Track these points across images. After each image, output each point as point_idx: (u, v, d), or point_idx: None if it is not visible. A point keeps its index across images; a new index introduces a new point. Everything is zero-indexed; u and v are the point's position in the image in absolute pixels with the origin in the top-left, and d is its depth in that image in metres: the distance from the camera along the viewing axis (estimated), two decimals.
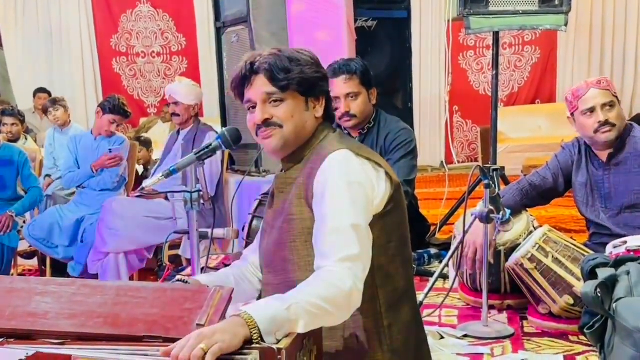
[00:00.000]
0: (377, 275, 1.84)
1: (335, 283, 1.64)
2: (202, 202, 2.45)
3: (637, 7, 8.80)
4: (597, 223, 3.19)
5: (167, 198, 4.68)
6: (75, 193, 5.17)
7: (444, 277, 3.56)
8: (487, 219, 2.84)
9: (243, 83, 1.90)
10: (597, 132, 3.06)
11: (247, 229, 3.60)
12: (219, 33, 5.34)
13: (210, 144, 2.20)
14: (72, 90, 9.15)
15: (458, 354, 2.73)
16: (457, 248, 3.02)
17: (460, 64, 9.07)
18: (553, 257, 2.93)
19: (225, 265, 2.74)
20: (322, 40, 4.31)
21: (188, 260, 4.59)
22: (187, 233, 2.63)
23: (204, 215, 4.73)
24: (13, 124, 6.07)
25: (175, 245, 4.83)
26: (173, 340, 1.48)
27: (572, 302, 2.88)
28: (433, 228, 4.53)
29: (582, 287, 2.35)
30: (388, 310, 1.88)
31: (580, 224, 3.90)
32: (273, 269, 1.95)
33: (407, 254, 1.97)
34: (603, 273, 2.26)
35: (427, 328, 2.86)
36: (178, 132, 5.00)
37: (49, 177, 5.89)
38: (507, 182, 4.46)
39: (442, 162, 8.77)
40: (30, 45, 9.33)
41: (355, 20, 4.67)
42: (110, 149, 4.96)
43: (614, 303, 2.17)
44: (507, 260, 3.09)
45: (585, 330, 2.32)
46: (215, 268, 4.15)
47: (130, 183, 5.32)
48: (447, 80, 5.13)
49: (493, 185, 2.86)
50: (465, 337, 2.92)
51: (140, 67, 9.48)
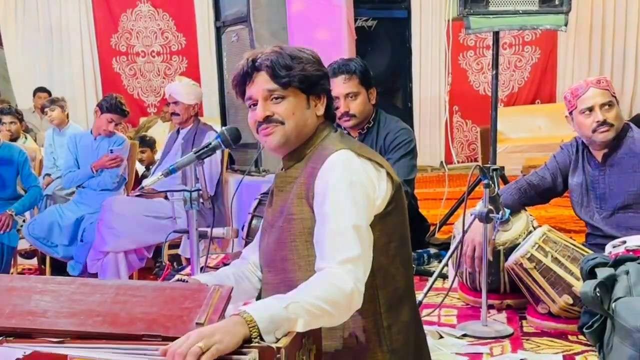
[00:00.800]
0: (377, 276, 1.84)
1: (336, 284, 1.64)
2: (201, 201, 2.46)
3: (637, 7, 8.80)
4: (591, 224, 3.19)
5: (166, 197, 4.68)
6: (75, 192, 5.17)
7: (444, 276, 3.56)
8: (486, 219, 2.84)
9: (244, 80, 1.90)
10: (595, 131, 3.05)
11: (246, 228, 3.61)
12: (219, 32, 5.34)
13: (210, 143, 2.20)
14: (72, 90, 9.14)
15: (457, 354, 2.72)
16: (456, 248, 3.02)
17: (460, 64, 9.07)
18: (552, 256, 2.93)
19: (225, 265, 2.74)
20: (322, 40, 4.31)
21: (188, 260, 4.59)
22: (186, 232, 2.63)
23: (204, 215, 4.73)
24: (11, 122, 6.08)
25: (175, 245, 4.83)
26: (172, 339, 1.48)
27: (571, 301, 2.88)
28: (433, 228, 4.53)
29: (581, 286, 2.35)
30: (388, 311, 1.88)
31: (580, 224, 3.90)
32: (273, 268, 1.94)
33: (407, 254, 1.97)
34: (602, 273, 2.26)
35: (426, 327, 2.86)
36: (178, 131, 5.00)
37: (49, 176, 5.89)
38: (506, 182, 4.45)
39: (441, 162, 8.77)
40: (30, 45, 9.32)
41: (355, 20, 4.67)
42: (112, 149, 4.96)
43: (613, 303, 2.17)
44: (506, 260, 3.09)
45: (585, 330, 2.33)
46: (215, 267, 4.15)
47: (130, 182, 5.32)
48: (447, 80, 5.13)
49: (492, 185, 2.86)
50: (465, 336, 2.92)
51: (140, 66, 9.48)
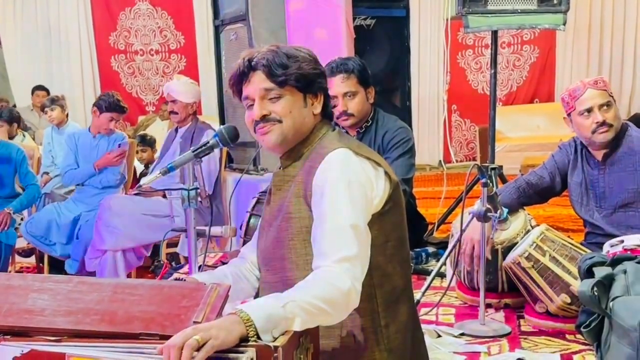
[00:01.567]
0: (374, 275, 1.83)
1: (333, 283, 1.64)
2: (199, 199, 2.45)
3: (635, 6, 8.80)
4: (591, 223, 3.19)
5: (164, 196, 4.67)
6: (75, 191, 5.17)
7: (442, 275, 3.56)
8: (484, 218, 2.84)
9: (241, 80, 1.90)
10: (594, 132, 3.06)
11: (244, 227, 3.60)
12: (218, 31, 5.34)
13: (208, 142, 2.20)
14: (70, 88, 9.11)
15: (455, 353, 2.72)
16: (454, 246, 3.02)
17: (459, 63, 9.07)
18: (550, 255, 2.93)
19: (223, 263, 2.74)
20: (320, 39, 4.31)
21: (186, 258, 4.59)
22: (184, 231, 2.62)
23: (202, 213, 4.72)
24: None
25: (173, 243, 4.82)
26: (170, 338, 1.47)
27: (569, 300, 2.88)
28: (431, 227, 4.53)
29: (578, 285, 2.35)
30: (385, 310, 1.88)
31: (578, 223, 3.90)
32: (271, 267, 1.94)
33: (405, 253, 1.97)
34: (600, 272, 2.26)
35: (424, 326, 2.86)
36: (176, 130, 5.00)
37: (47, 174, 5.89)
38: (504, 181, 4.46)
39: (440, 161, 8.77)
40: (29, 43, 9.29)
41: (354, 19, 4.67)
42: (120, 144, 4.96)
43: (611, 302, 2.17)
44: (504, 259, 3.09)
45: (582, 329, 2.33)
46: (213, 266, 4.16)
47: (129, 181, 5.32)
48: (445, 79, 5.13)
49: (490, 184, 2.86)
50: (462, 335, 2.93)
51: (139, 65, 9.45)
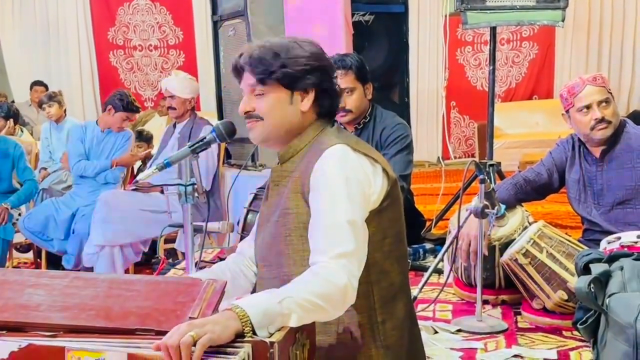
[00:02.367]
0: (371, 271, 1.83)
1: (330, 279, 1.64)
2: (196, 195, 2.45)
3: (634, 3, 8.78)
4: (589, 220, 3.19)
5: (162, 191, 4.67)
6: (73, 186, 5.17)
7: (439, 272, 3.56)
8: (481, 214, 2.84)
9: (237, 75, 1.93)
10: (593, 129, 3.05)
11: (241, 223, 3.60)
12: (216, 26, 5.33)
13: (205, 137, 2.20)
14: (68, 83, 9.10)
15: (452, 349, 2.71)
16: (451, 243, 3.01)
17: (458, 59, 9.05)
18: (547, 252, 2.92)
19: (221, 259, 2.74)
20: (318, 35, 4.29)
21: (184, 254, 4.58)
22: (181, 227, 2.62)
23: (200, 209, 4.72)
24: None
25: (171, 239, 4.83)
26: (165, 333, 1.48)
27: (566, 297, 2.88)
28: (429, 223, 4.53)
29: (575, 282, 2.35)
30: (382, 307, 1.88)
31: (576, 220, 3.90)
32: (268, 263, 1.94)
33: (402, 250, 1.97)
34: (597, 269, 2.26)
35: (420, 323, 2.85)
36: (174, 125, 5.00)
37: (45, 170, 5.89)
38: (503, 177, 4.46)
39: (439, 157, 8.76)
40: (27, 38, 9.28)
41: (353, 15, 4.66)
42: (125, 141, 4.98)
43: (607, 298, 2.17)
44: (501, 255, 3.09)
45: (579, 326, 2.33)
46: (211, 262, 4.15)
47: (126, 177, 5.32)
48: (444, 76, 5.12)
49: (488, 180, 2.86)
50: (459, 331, 2.92)
51: (138, 60, 9.43)
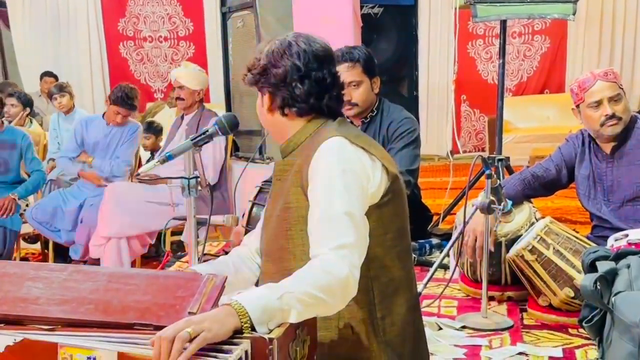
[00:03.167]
0: (372, 266, 1.81)
1: (330, 271, 1.61)
2: (199, 188, 2.44)
3: None
4: (598, 216, 3.15)
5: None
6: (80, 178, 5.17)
7: (445, 267, 3.54)
8: (488, 210, 2.81)
9: None
10: (603, 125, 3.02)
11: (246, 216, 3.59)
12: (225, 18, 5.33)
13: (207, 130, 2.19)
14: (78, 74, 9.10)
15: (456, 345, 2.70)
16: (457, 238, 2.99)
17: (469, 53, 8.97)
18: (554, 249, 2.89)
19: (226, 252, 2.73)
20: (327, 27, 4.26)
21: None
22: (186, 219, 2.61)
23: (207, 201, 4.71)
24: (12, 105, 6.12)
25: (178, 231, 4.82)
26: (164, 328, 1.47)
27: (572, 294, 2.85)
28: (437, 218, 4.50)
29: (581, 280, 2.32)
30: (382, 302, 1.86)
31: (586, 216, 3.86)
32: (271, 258, 1.93)
33: (404, 246, 1.94)
34: (603, 266, 2.23)
35: (425, 319, 2.83)
36: (182, 117, 4.99)
37: (53, 161, 5.88)
38: (511, 172, 4.42)
39: (449, 151, 8.71)
40: (38, 29, 9.27)
41: (361, 7, 4.64)
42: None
43: (613, 297, 2.14)
44: (508, 252, 3.06)
45: (584, 324, 2.30)
46: (216, 255, 4.15)
47: (134, 168, 5.31)
48: (453, 69, 5.09)
49: (495, 176, 2.83)
50: (464, 328, 2.90)
51: (147, 51, 9.41)
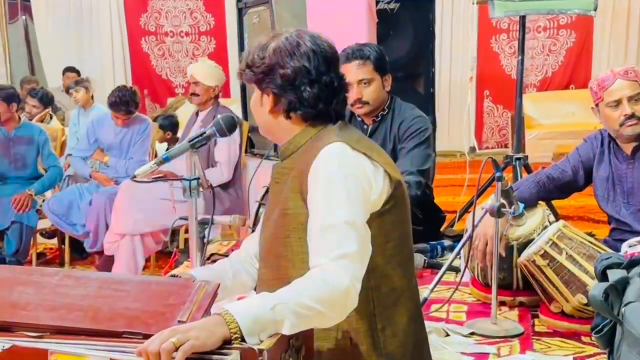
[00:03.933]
0: (372, 276, 1.75)
1: (330, 281, 1.56)
2: (201, 189, 2.41)
3: None
4: (617, 219, 3.06)
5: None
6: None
7: (456, 270, 3.47)
8: (497, 213, 2.73)
9: None
10: (622, 125, 2.93)
11: (253, 217, 3.54)
12: (241, 14, 5.30)
13: (205, 132, 2.16)
14: (100, 69, 9.17)
15: (462, 353, 2.63)
16: (465, 242, 2.92)
17: (493, 47, 8.83)
18: (567, 254, 2.81)
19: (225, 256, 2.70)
20: (341, 23, 4.21)
21: (205, 244, 4.55)
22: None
23: (221, 199, 4.69)
24: (33, 106, 6.17)
25: None
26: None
27: (585, 301, 2.76)
28: (452, 218, 4.43)
29: (591, 288, 2.24)
30: (382, 312, 1.80)
31: None
32: (269, 264, 1.88)
33: (406, 253, 1.88)
34: (614, 275, 2.14)
35: (432, 324, 2.79)
36: (197, 113, 4.97)
37: (71, 156, 5.90)
38: (530, 171, 4.35)
39: (472, 147, 8.61)
40: (61, 23, 9.34)
41: (377, 2, 4.56)
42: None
43: (623, 307, 2.05)
44: (520, 256, 2.98)
45: (593, 334, 2.22)
46: (225, 254, 4.11)
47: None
48: (471, 65, 5.00)
49: (505, 178, 2.75)
50: (472, 334, 2.83)
51: (169, 46, 9.42)
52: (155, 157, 5.44)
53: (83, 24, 9.36)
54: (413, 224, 3.63)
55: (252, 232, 3.45)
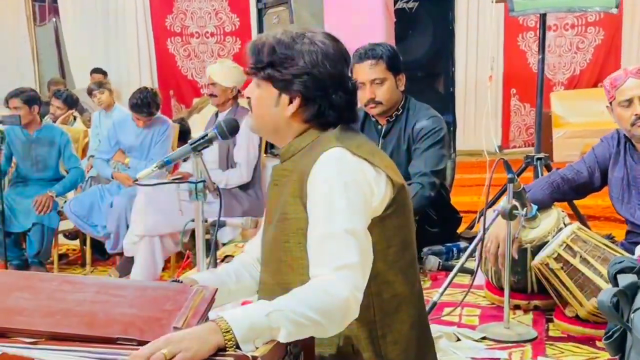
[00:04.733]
0: (373, 282, 1.70)
1: (330, 291, 1.53)
2: (207, 192, 2.40)
3: None
4: (632, 222, 2.98)
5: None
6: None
7: (471, 272, 3.41)
8: (509, 216, 2.68)
9: None
10: (633, 125, 2.85)
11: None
12: (261, 14, 5.33)
13: (207, 134, 2.15)
14: (127, 70, 9.26)
15: (473, 358, 2.57)
16: (476, 245, 2.87)
17: (520, 45, 8.73)
18: (581, 257, 2.74)
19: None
20: (359, 23, 4.18)
21: (224, 244, 4.56)
22: (205, 221, 2.59)
23: (240, 200, 4.69)
24: (58, 107, 6.24)
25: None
26: (147, 343, 1.43)
27: None
28: (473, 218, 4.37)
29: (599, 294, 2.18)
30: (383, 319, 1.77)
31: None
32: (269, 269, 1.85)
33: (409, 259, 1.83)
34: (624, 280, 2.08)
35: (443, 328, 2.75)
36: (216, 115, 4.97)
37: (94, 157, 5.95)
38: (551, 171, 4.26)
39: (498, 146, 8.51)
40: (87, 25, 9.44)
41: (395, 2, 4.53)
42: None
43: (632, 313, 1.99)
44: (534, 259, 2.92)
45: (603, 340, 2.16)
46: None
47: (171, 167, 5.33)
48: (490, 64, 4.94)
49: (517, 180, 2.69)
50: (484, 339, 2.77)
51: (194, 47, 9.47)
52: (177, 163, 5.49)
53: (109, 25, 9.45)
54: (427, 226, 3.61)
55: None
